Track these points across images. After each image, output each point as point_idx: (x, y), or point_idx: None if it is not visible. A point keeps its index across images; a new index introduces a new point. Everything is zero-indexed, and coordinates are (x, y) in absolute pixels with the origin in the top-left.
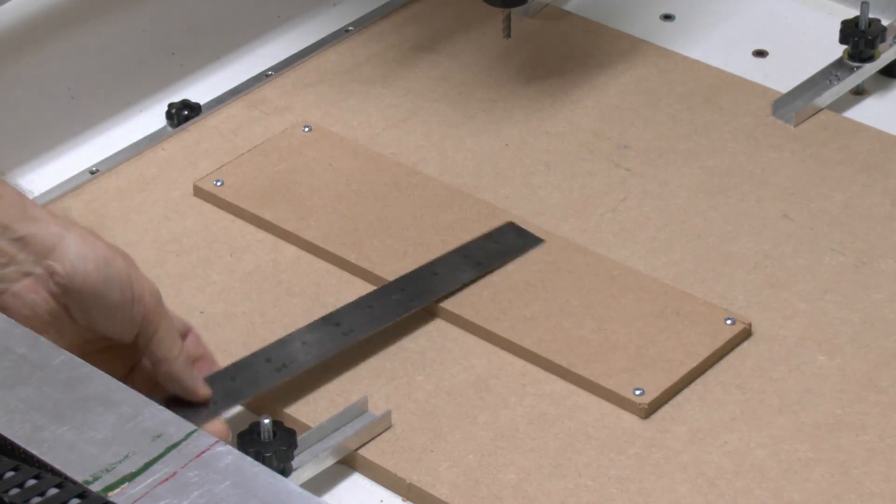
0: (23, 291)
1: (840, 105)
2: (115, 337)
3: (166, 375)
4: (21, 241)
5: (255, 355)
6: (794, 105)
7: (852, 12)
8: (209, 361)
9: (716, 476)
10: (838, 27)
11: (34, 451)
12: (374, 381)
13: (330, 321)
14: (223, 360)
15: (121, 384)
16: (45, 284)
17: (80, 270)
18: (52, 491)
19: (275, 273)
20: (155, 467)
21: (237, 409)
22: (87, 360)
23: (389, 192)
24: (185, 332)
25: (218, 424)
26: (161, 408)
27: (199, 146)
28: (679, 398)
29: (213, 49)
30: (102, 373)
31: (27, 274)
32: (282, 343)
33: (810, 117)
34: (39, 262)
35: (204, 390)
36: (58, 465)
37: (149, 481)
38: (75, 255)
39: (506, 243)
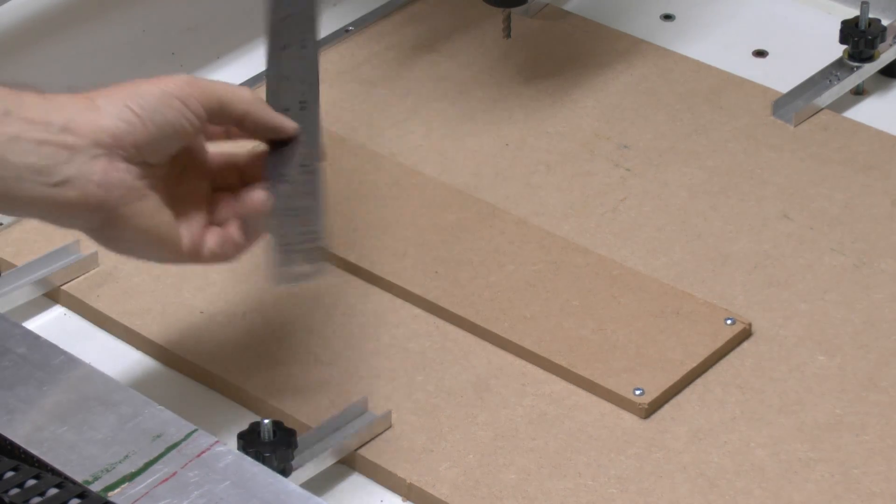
0: (106, 177)
1: (840, 105)
2: (193, 143)
3: (253, 127)
4: (67, 130)
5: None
6: (794, 105)
7: (852, 12)
8: None
9: (716, 476)
10: (838, 27)
11: (34, 451)
12: (374, 381)
13: None
14: (223, 361)
15: (120, 384)
16: (117, 156)
17: (133, 122)
18: (52, 491)
19: None
20: (155, 467)
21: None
22: (179, 192)
23: (389, 192)
24: None
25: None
26: (161, 408)
27: None
28: (679, 398)
29: (213, 49)
30: (102, 373)
31: (95, 157)
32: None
33: (810, 117)
34: (96, 141)
35: (291, 122)
36: (58, 465)
37: (149, 481)
38: (117, 112)
39: None
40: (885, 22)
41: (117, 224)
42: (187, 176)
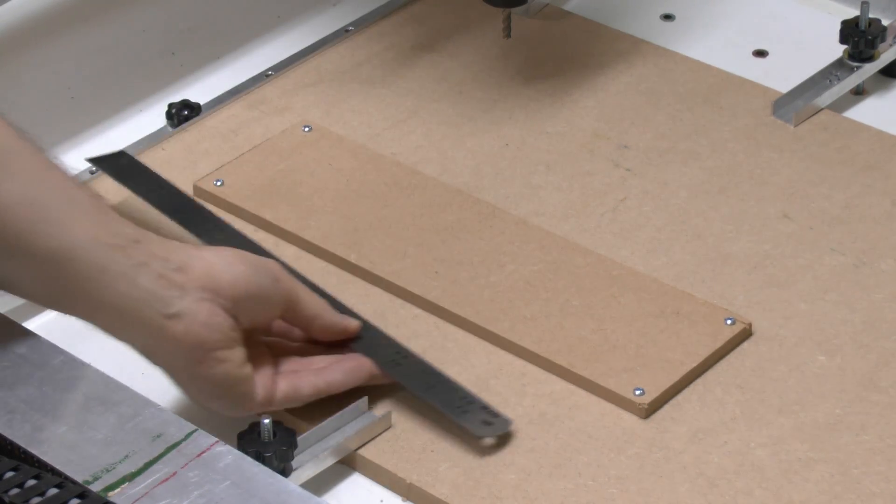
0: (210, 319)
1: (840, 105)
2: (267, 321)
3: (321, 329)
4: (182, 270)
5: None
6: (794, 105)
7: (852, 12)
8: None
9: (716, 476)
10: (838, 27)
11: (34, 451)
12: None
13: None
14: None
15: (120, 384)
16: (218, 304)
17: (239, 278)
18: (52, 491)
19: None
20: (155, 467)
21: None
22: (251, 360)
23: (389, 192)
24: None
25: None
26: (161, 408)
27: (199, 146)
28: (679, 398)
29: (213, 49)
30: (102, 373)
31: (201, 300)
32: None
33: (810, 117)
34: (204, 286)
35: (354, 322)
36: (58, 465)
37: (149, 481)
38: (225, 266)
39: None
40: (885, 22)
41: (207, 366)
42: (255, 335)
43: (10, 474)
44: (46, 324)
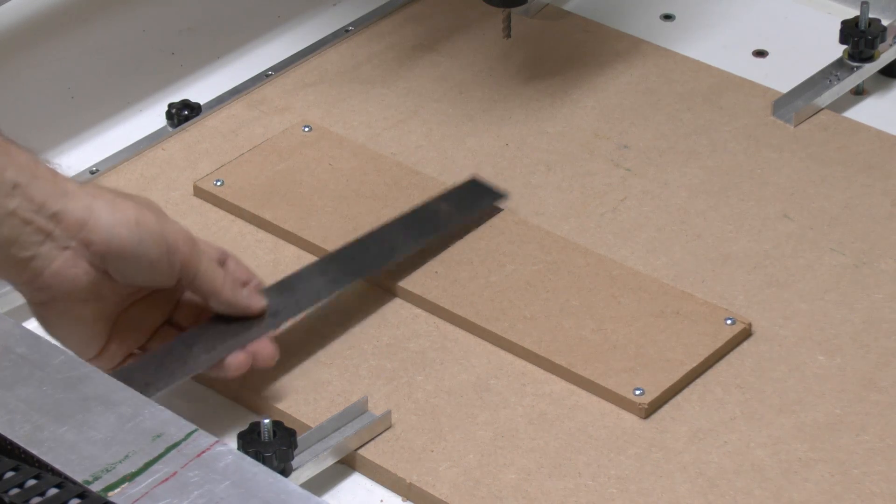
0: (63, 268)
1: (840, 105)
2: (158, 286)
3: (219, 305)
4: (55, 218)
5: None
6: (794, 105)
7: (852, 12)
8: (257, 283)
9: (716, 476)
10: (838, 27)
11: (34, 451)
12: (374, 381)
13: (285, 286)
14: None
15: (120, 384)
16: (83, 255)
17: (115, 237)
18: (52, 491)
19: (275, 273)
20: (155, 467)
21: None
22: (130, 313)
23: (389, 192)
24: (223, 260)
25: (268, 344)
26: (161, 408)
27: (199, 146)
28: (679, 398)
29: (213, 49)
30: (102, 373)
31: (64, 248)
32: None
33: (810, 117)
34: (74, 235)
35: (259, 303)
36: (58, 465)
37: (149, 481)
38: (107, 223)
39: (461, 203)
40: (885, 22)
41: (49, 311)
42: (146, 303)
43: (10, 474)
44: None
